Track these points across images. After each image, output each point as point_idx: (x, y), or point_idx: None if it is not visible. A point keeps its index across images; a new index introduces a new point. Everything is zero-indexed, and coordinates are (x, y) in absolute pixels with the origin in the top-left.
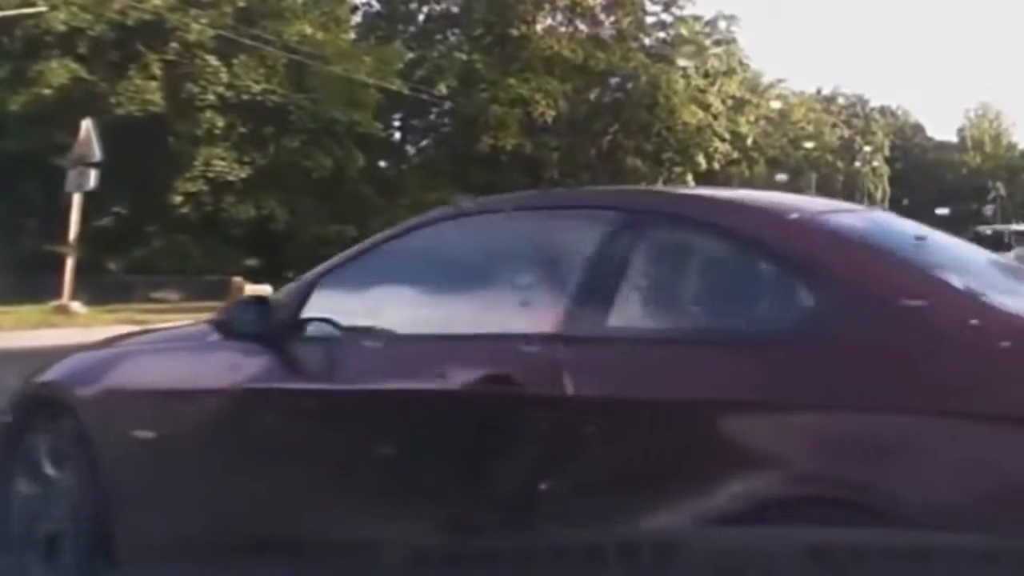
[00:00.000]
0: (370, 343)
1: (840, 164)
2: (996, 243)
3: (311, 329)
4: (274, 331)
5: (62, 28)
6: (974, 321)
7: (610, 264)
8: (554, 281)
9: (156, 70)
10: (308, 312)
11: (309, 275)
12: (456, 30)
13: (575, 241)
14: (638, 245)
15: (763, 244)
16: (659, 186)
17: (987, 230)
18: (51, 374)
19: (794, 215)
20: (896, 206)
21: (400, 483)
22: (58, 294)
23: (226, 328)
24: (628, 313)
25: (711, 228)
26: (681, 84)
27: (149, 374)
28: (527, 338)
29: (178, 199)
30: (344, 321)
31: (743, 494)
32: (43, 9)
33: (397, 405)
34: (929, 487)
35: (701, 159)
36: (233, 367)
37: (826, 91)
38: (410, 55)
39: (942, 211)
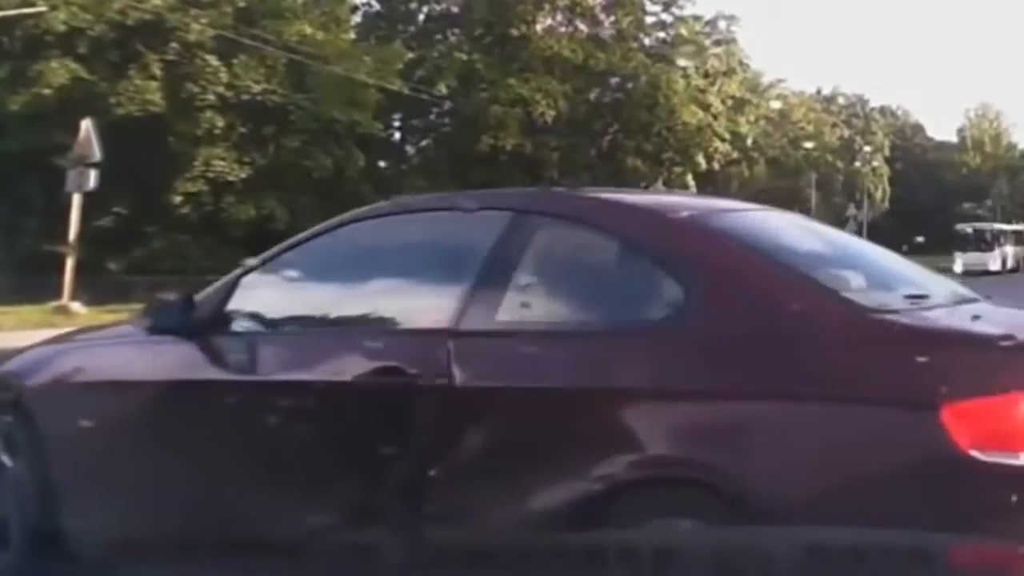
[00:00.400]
0: (282, 337)
1: (840, 164)
2: (977, 241)
3: (234, 324)
4: (196, 326)
5: (62, 28)
6: (829, 315)
7: (501, 262)
8: (452, 278)
9: (156, 70)
10: (232, 307)
11: (233, 273)
12: (456, 30)
13: (471, 240)
14: (528, 244)
15: (641, 242)
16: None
17: (967, 228)
18: (8, 366)
19: (674, 215)
20: (896, 206)
21: (305, 470)
22: (58, 294)
23: (149, 324)
24: (516, 308)
25: (595, 228)
26: (681, 84)
27: (84, 367)
28: (424, 332)
29: (178, 199)
30: (262, 316)
31: (612, 475)
32: (43, 9)
33: (299, 396)
34: (784, 471)
35: (701, 159)
36: (151, 361)
37: (826, 91)
38: (410, 55)
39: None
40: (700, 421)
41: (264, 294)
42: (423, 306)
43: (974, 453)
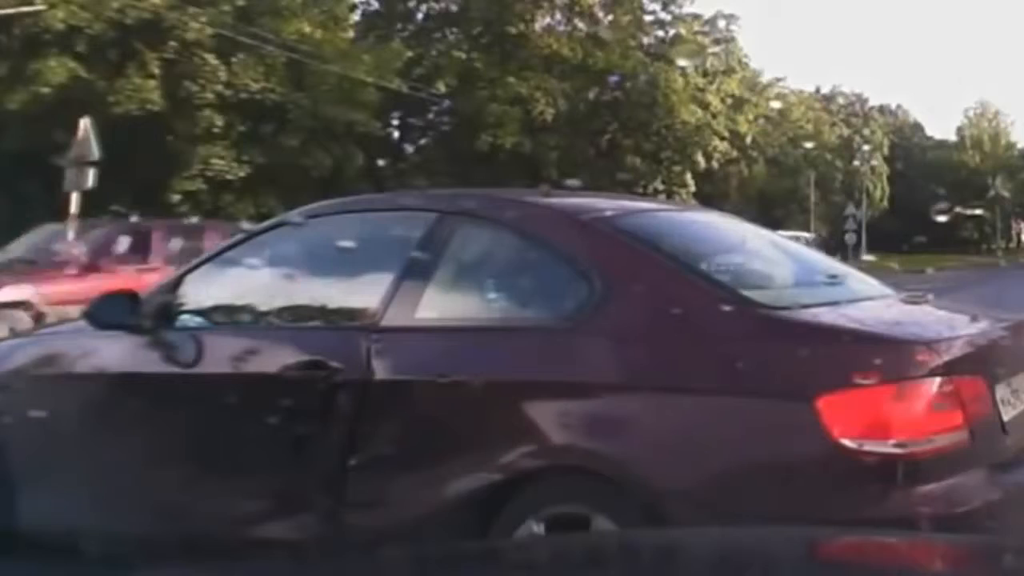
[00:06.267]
0: (220, 333)
1: (839, 163)
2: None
3: (176, 320)
4: (139, 321)
5: (60, 26)
6: (721, 312)
7: (423, 261)
8: (379, 277)
9: (155, 69)
10: (175, 304)
11: (178, 271)
12: (455, 29)
13: (394, 241)
14: (447, 244)
15: (550, 242)
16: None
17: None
18: None
19: (584, 216)
20: (896, 205)
21: (235, 460)
22: None
23: (93, 319)
24: (435, 305)
25: (509, 228)
26: (680, 83)
27: (36, 360)
28: (350, 329)
29: (177, 198)
30: (203, 313)
31: (514, 464)
32: (42, 7)
33: (230, 388)
34: (674, 462)
35: (700, 158)
36: (94, 355)
37: (825, 90)
38: (409, 54)
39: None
40: (596, 414)
41: (206, 291)
42: (351, 303)
43: (845, 441)
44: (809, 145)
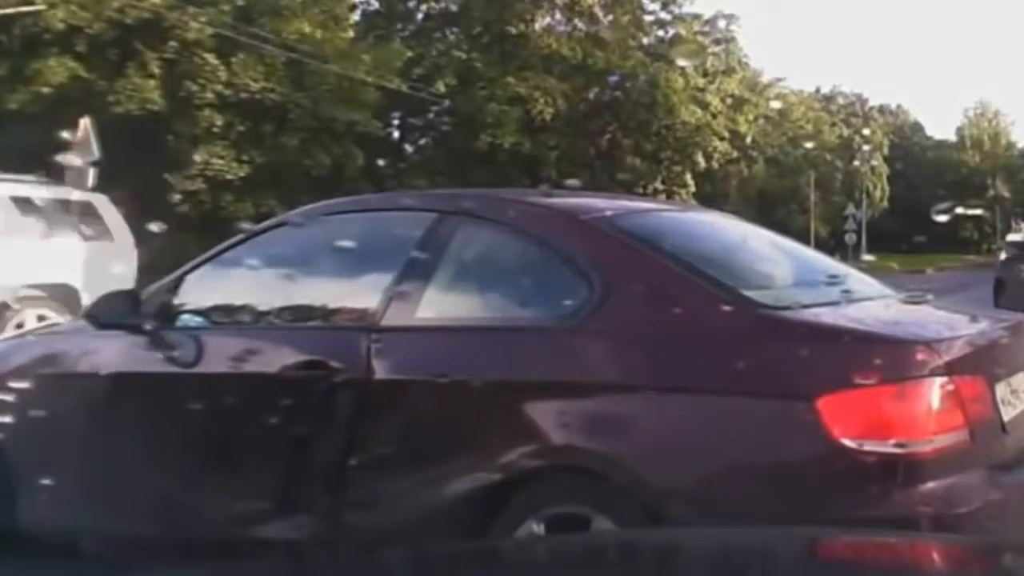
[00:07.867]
0: (219, 333)
1: (839, 163)
2: None
3: (177, 319)
4: (140, 320)
5: (61, 26)
6: (721, 313)
7: (423, 261)
8: (379, 277)
9: (155, 68)
10: (176, 303)
11: (179, 271)
12: (455, 28)
13: (394, 241)
14: (448, 244)
15: (551, 242)
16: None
17: None
18: None
19: (584, 216)
20: (896, 205)
21: (235, 459)
22: None
23: (93, 319)
24: (435, 305)
25: (510, 228)
26: (680, 83)
27: (36, 360)
28: (349, 328)
29: (177, 198)
30: (203, 312)
31: (514, 464)
32: (42, 7)
33: (230, 388)
34: (672, 461)
35: (700, 158)
36: (95, 354)
37: (825, 90)
38: (409, 53)
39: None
40: (596, 414)
41: (206, 291)
42: (351, 303)
43: (846, 441)
44: (809, 145)
